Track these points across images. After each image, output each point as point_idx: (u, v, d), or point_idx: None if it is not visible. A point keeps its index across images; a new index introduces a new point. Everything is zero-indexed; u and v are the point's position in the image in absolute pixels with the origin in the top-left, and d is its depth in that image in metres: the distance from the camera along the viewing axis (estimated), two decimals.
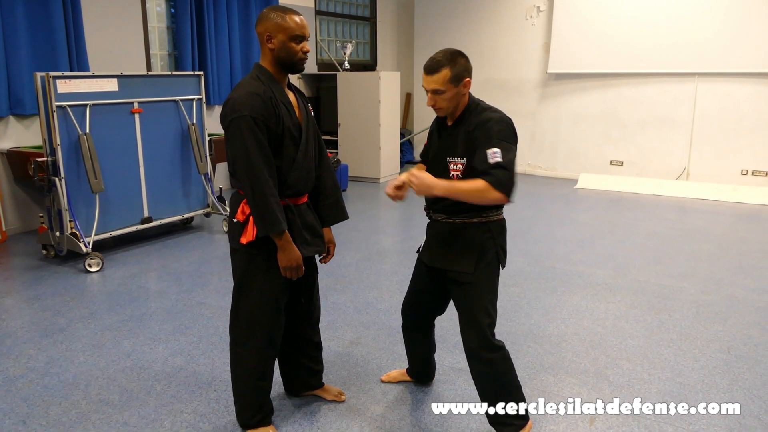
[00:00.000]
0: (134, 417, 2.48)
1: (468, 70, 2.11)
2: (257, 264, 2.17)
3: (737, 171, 7.06)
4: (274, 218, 2.03)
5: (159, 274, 4.27)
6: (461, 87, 2.09)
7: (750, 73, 6.83)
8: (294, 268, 2.13)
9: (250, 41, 7.02)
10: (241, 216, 2.14)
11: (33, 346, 3.12)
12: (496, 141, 2.02)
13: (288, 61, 2.11)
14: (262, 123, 2.02)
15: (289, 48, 2.08)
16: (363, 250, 4.76)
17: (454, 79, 2.06)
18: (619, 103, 7.67)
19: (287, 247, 2.10)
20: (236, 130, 2.01)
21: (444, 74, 2.05)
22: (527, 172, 8.49)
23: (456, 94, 2.09)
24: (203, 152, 5.15)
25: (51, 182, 4.25)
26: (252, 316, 2.23)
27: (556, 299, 3.79)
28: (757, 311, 3.60)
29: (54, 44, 5.08)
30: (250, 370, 2.28)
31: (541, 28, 8.10)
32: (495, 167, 1.98)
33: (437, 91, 2.07)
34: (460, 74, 2.07)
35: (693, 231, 5.53)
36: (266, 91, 2.06)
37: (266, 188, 2.02)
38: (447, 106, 2.11)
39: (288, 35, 2.07)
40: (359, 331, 3.30)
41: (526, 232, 5.38)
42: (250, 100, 2.02)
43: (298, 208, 2.22)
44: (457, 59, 2.08)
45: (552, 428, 2.42)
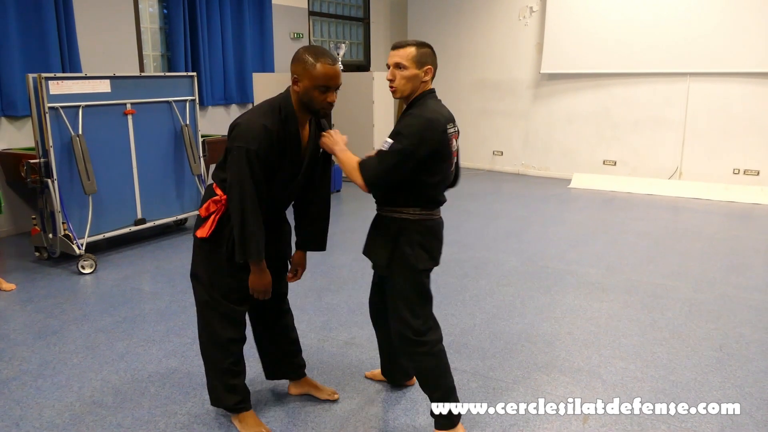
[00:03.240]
0: (128, 419, 2.48)
1: (433, 61, 2.17)
2: (209, 259, 2.24)
3: (729, 170, 7.10)
4: (256, 247, 2.09)
5: (152, 276, 4.26)
6: (422, 72, 2.14)
7: (741, 73, 6.87)
8: (263, 291, 2.19)
9: (243, 42, 7.02)
10: (204, 212, 2.21)
11: (26, 349, 3.11)
12: (395, 133, 2.09)
13: (310, 107, 2.11)
14: (264, 159, 2.06)
15: (312, 96, 2.07)
16: (356, 251, 4.73)
17: (417, 59, 2.12)
18: (612, 103, 7.70)
19: (261, 272, 2.16)
20: (240, 159, 2.04)
21: (409, 51, 2.12)
22: (520, 172, 8.51)
23: (415, 76, 2.13)
24: (196, 153, 5.14)
25: (43, 184, 4.23)
26: (203, 303, 2.28)
27: (550, 299, 3.80)
28: (749, 310, 3.63)
29: (46, 45, 5.06)
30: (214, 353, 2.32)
31: (533, 29, 8.12)
32: (376, 154, 2.10)
33: (399, 65, 2.12)
34: (424, 58, 2.14)
35: (685, 230, 5.56)
36: (280, 131, 2.09)
37: (253, 219, 2.07)
38: (403, 86, 2.14)
39: (314, 84, 2.04)
40: (353, 332, 3.30)
41: (519, 232, 5.39)
42: (261, 135, 2.04)
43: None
44: (424, 46, 2.16)
45: (546, 427, 2.43)
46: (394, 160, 2.06)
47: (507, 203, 6.70)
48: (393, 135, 2.09)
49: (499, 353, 3.05)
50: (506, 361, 2.97)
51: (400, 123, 2.13)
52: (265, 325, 2.51)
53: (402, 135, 2.07)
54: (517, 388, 2.72)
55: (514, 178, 8.23)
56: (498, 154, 8.68)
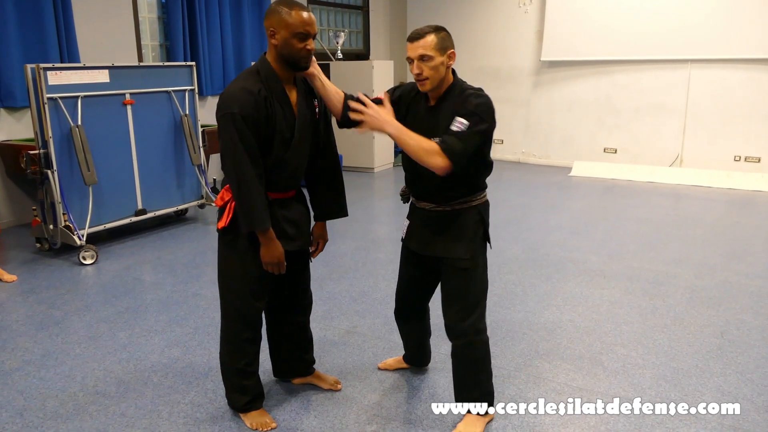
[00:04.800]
0: (131, 408, 2.49)
1: (451, 43, 2.10)
2: (232, 249, 2.21)
3: (730, 157, 7.08)
4: (258, 216, 2.04)
5: (154, 266, 4.26)
6: (446, 58, 2.07)
7: (743, 59, 6.83)
8: (275, 264, 2.15)
9: (242, 31, 6.97)
10: (219, 201, 2.19)
11: (29, 339, 3.12)
12: (468, 113, 2.01)
13: (290, 59, 2.06)
14: (251, 121, 2.01)
15: (292, 45, 2.03)
16: (358, 240, 4.76)
17: (439, 46, 2.05)
18: (613, 90, 7.67)
19: (270, 243, 2.11)
20: (225, 126, 2.00)
21: (431, 39, 2.04)
22: (521, 160, 8.49)
23: (441, 63, 2.06)
24: (196, 143, 5.12)
25: (43, 175, 4.22)
26: (228, 300, 2.28)
27: (551, 286, 3.80)
28: (750, 296, 3.63)
29: (44, 35, 5.03)
30: (231, 352, 2.32)
31: (534, 16, 8.07)
32: (451, 134, 1.99)
33: (424, 56, 2.04)
34: (444, 43, 2.06)
35: (686, 217, 5.56)
36: (261, 90, 2.04)
37: (251, 185, 2.02)
38: (433, 76, 2.06)
39: (291, 32, 2.01)
40: (355, 321, 3.31)
41: (520, 220, 5.39)
42: (242, 97, 2.00)
43: (282, 202, 2.22)
44: (441, 30, 2.08)
45: (548, 415, 2.44)
46: (479, 140, 2.02)
47: (508, 191, 6.69)
48: (467, 116, 2.01)
49: (500, 341, 3.05)
50: (508, 349, 2.98)
51: (463, 104, 2.04)
52: (284, 321, 2.50)
53: (478, 116, 2.01)
54: (518, 375, 2.73)
55: (515, 166, 8.21)
56: (498, 143, 8.65)
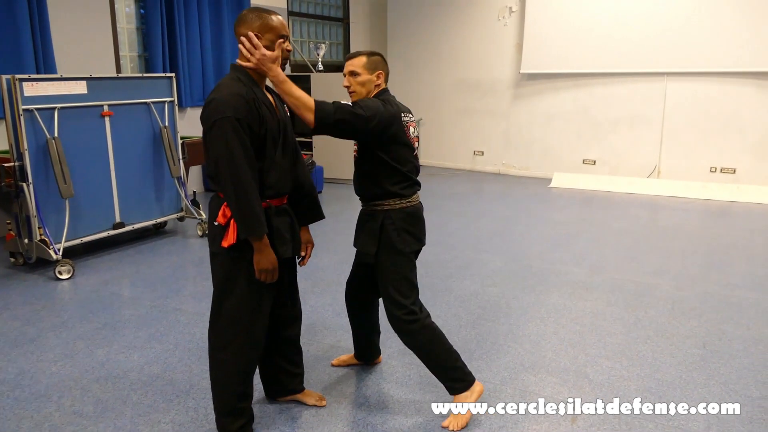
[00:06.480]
0: (110, 428, 2.42)
1: (383, 66, 2.44)
2: (239, 267, 2.15)
3: (706, 168, 7.20)
4: (257, 221, 2.03)
5: (132, 281, 4.18)
6: (374, 76, 2.41)
7: (718, 72, 6.96)
8: (270, 270, 2.12)
9: (222, 42, 6.94)
10: (222, 219, 2.11)
11: (2, 358, 3.02)
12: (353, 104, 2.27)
13: None
14: (246, 124, 2.02)
15: (278, 47, 2.13)
16: (340, 252, 4.73)
17: (369, 66, 2.40)
18: (591, 102, 7.77)
19: (265, 250, 2.09)
20: (220, 132, 1.99)
21: (361, 59, 2.40)
22: (501, 171, 8.54)
23: (368, 80, 2.40)
24: (176, 155, 5.06)
25: (18, 188, 4.13)
26: (234, 319, 2.19)
27: (534, 298, 3.81)
28: (730, 306, 3.67)
29: (20, 45, 4.94)
30: (232, 374, 2.24)
31: (513, 29, 8.16)
32: (335, 102, 2.22)
33: (353, 72, 2.39)
34: (374, 64, 2.41)
35: (665, 228, 5.62)
36: (248, 93, 2.06)
37: (250, 191, 2.01)
38: (359, 90, 2.40)
39: (276, 34, 2.12)
40: (339, 335, 3.27)
41: (502, 232, 5.40)
42: (233, 101, 2.00)
43: (277, 209, 2.21)
44: (374, 55, 2.44)
45: (534, 428, 2.43)
46: (348, 117, 2.22)
47: (489, 203, 6.71)
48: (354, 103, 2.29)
49: (485, 354, 3.04)
50: (493, 362, 2.96)
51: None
52: (277, 336, 2.44)
53: (359, 105, 2.26)
54: (504, 389, 2.72)
55: (495, 178, 8.26)
56: (479, 154, 8.70)
